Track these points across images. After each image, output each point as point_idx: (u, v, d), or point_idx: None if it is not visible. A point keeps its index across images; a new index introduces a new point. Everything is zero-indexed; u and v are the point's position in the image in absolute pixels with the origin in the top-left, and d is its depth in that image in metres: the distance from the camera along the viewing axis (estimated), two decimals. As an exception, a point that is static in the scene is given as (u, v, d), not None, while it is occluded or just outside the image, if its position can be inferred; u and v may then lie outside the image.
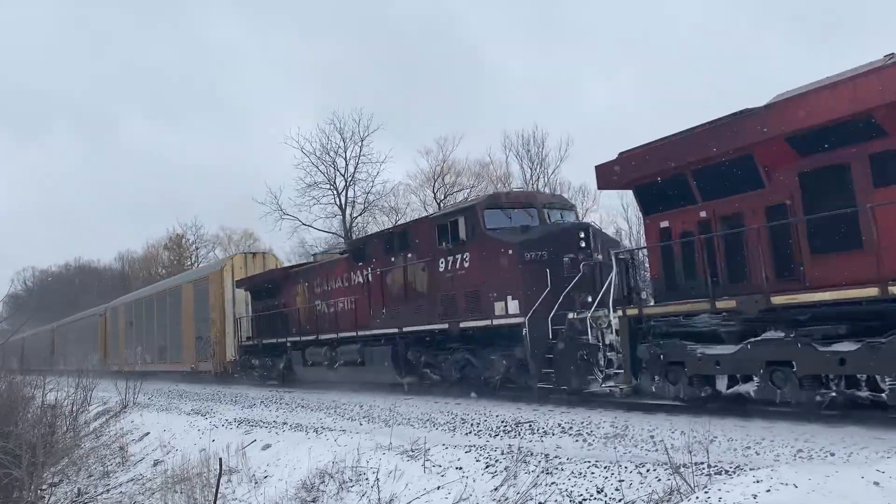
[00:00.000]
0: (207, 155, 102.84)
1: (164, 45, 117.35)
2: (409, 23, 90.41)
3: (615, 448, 8.06)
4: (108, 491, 13.62)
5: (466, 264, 13.46)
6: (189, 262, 64.70)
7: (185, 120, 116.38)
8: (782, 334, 8.20)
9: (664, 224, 10.17)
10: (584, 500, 6.50)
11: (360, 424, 12.22)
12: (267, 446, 11.74)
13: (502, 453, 8.10)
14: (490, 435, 9.74)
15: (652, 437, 8.13)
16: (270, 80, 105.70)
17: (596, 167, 11.24)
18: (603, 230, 15.37)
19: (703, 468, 6.22)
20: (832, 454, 6.45)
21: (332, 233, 43.75)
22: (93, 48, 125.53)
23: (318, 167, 42.93)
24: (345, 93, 78.85)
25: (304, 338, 19.39)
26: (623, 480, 6.56)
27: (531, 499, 6.86)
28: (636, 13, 79.35)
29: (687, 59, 70.81)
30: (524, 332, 11.76)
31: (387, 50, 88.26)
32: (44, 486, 13.60)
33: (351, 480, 9.03)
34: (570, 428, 9.18)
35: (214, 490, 10.10)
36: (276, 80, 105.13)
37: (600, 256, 12.23)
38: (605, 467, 6.93)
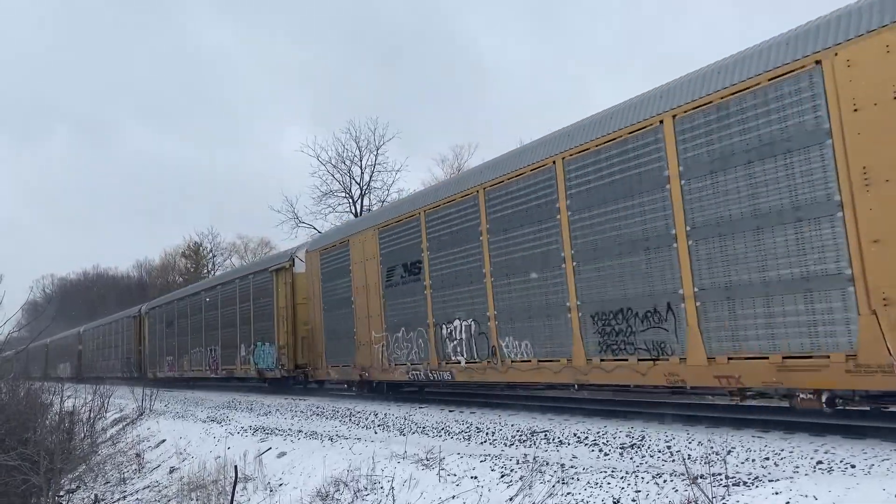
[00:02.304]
0: (212, 159, 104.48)
1: (161, 50, 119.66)
2: (405, 22, 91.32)
3: (632, 458, 8.00)
4: (124, 498, 13.70)
5: None
6: (206, 271, 65.14)
7: (187, 125, 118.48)
8: None
9: None
10: (601, 510, 6.44)
11: (375, 433, 12.21)
12: (282, 454, 11.77)
13: (518, 463, 8.06)
14: (505, 444, 9.70)
15: (669, 447, 8.05)
16: (268, 84, 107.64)
17: None
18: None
19: (721, 479, 6.15)
20: (853, 466, 6.36)
21: None
22: (91, 55, 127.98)
23: (333, 175, 43.20)
24: (344, 95, 79.96)
25: None
26: (640, 491, 6.50)
27: (547, 509, 6.81)
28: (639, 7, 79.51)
29: (690, 54, 70.84)
30: None
31: (383, 49, 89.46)
32: (61, 493, 13.71)
33: (366, 489, 9.02)
34: (586, 438, 9.12)
35: (230, 497, 10.15)
36: (273, 83, 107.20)
37: None
38: (621, 478, 6.88)
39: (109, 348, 40.04)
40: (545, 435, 9.64)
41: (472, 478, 8.06)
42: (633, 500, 6.40)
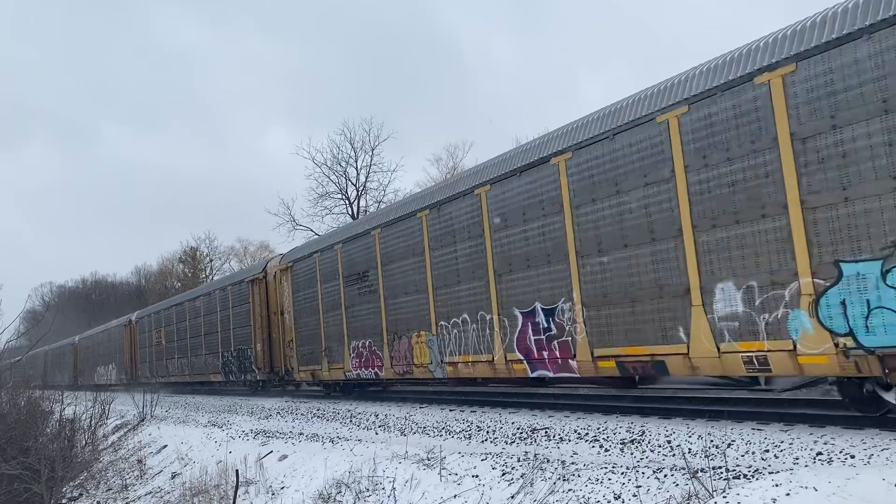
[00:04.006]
0: (205, 162, 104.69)
1: (144, 53, 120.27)
2: (392, 21, 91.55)
3: (632, 453, 8.01)
4: (126, 504, 13.70)
5: None
6: (204, 275, 65.10)
7: (175, 128, 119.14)
8: None
9: None
10: (602, 506, 6.45)
11: (376, 434, 12.21)
12: (283, 457, 11.77)
13: (518, 460, 8.07)
14: (506, 442, 9.71)
15: (669, 441, 8.07)
16: (256, 85, 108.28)
17: None
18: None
19: (721, 472, 6.17)
20: (852, 456, 6.37)
21: None
22: (70, 59, 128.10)
23: (329, 177, 43.18)
24: (336, 97, 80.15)
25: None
26: (640, 486, 6.51)
27: (548, 506, 6.82)
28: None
29: (680, 44, 70.81)
30: None
31: (372, 49, 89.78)
32: (63, 501, 13.70)
33: (367, 490, 9.03)
34: (587, 434, 9.13)
35: (232, 501, 10.15)
36: (263, 85, 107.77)
37: None
38: (622, 473, 6.89)
39: (194, 339, 26.24)
40: (546, 432, 9.65)
41: (473, 477, 8.07)
42: (634, 496, 6.41)
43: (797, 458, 6.66)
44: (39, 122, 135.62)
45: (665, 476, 6.53)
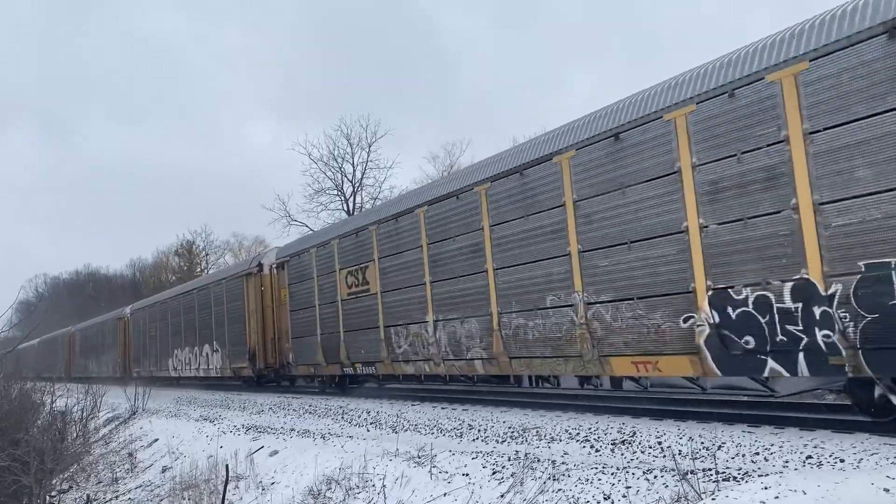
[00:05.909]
0: (200, 157, 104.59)
1: (131, 48, 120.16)
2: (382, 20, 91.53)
3: (622, 454, 8.01)
4: (116, 497, 13.67)
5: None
6: (199, 269, 65.00)
7: (170, 127, 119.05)
8: None
9: None
10: (591, 506, 6.44)
11: (367, 430, 12.20)
12: (274, 452, 11.75)
13: (509, 459, 8.06)
14: (497, 441, 9.70)
15: (660, 442, 8.07)
16: (257, 82, 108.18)
17: None
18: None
19: (711, 474, 6.17)
20: (842, 460, 6.38)
21: None
22: (56, 51, 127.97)
23: (325, 173, 43.12)
24: (330, 93, 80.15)
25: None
26: (630, 487, 6.51)
27: (538, 505, 6.82)
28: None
29: (672, 42, 70.84)
30: None
31: (363, 45, 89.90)
32: (53, 493, 13.66)
33: (357, 487, 9.02)
34: (578, 434, 9.13)
35: (221, 496, 10.13)
36: (251, 83, 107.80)
37: None
38: (612, 473, 6.88)
39: (520, 269, 10.74)
40: (537, 431, 9.64)
41: (463, 475, 8.06)
42: (624, 496, 6.40)
43: (787, 462, 6.66)
44: (37, 119, 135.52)
45: (655, 477, 6.52)
